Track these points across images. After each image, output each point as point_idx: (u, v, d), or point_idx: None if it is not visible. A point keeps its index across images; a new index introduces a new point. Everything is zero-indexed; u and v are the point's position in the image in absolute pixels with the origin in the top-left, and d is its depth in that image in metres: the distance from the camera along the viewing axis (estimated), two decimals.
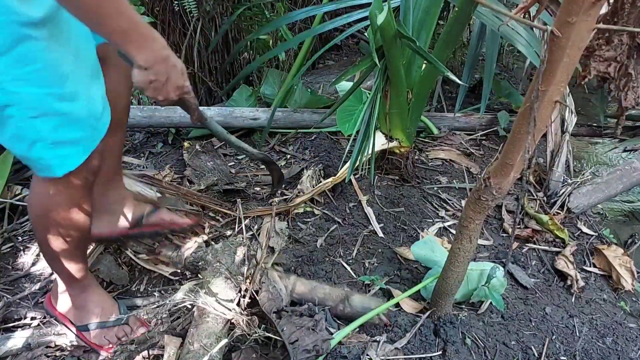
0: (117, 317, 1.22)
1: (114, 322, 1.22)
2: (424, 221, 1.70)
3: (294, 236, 1.60)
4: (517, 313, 1.37)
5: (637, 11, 1.50)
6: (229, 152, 2.20)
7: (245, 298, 1.21)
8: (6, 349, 1.17)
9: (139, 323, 1.27)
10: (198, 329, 1.09)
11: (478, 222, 1.02)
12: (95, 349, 1.21)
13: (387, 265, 1.49)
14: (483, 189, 0.93)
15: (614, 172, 1.89)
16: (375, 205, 1.73)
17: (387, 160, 1.88)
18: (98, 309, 1.21)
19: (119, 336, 1.22)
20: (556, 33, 0.64)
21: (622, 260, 1.57)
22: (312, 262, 1.48)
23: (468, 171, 2.01)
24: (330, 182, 1.67)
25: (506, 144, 0.84)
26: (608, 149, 2.45)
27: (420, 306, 1.31)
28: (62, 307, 1.22)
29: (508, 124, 2.23)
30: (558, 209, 1.80)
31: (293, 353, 1.04)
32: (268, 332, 1.12)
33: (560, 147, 1.91)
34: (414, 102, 1.65)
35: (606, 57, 1.66)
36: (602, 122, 2.31)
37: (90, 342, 1.21)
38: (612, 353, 1.30)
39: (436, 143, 2.17)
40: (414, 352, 1.18)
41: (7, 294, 1.45)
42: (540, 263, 1.59)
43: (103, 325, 1.21)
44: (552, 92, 0.72)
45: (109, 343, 1.21)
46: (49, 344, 1.19)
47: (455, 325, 1.22)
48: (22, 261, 1.60)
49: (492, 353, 1.22)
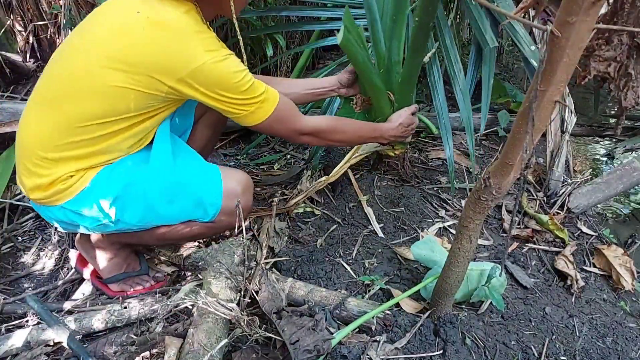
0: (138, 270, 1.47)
1: (136, 272, 1.46)
2: (424, 221, 1.70)
3: (294, 236, 1.60)
4: (517, 313, 1.37)
5: (636, 11, 1.50)
6: (229, 152, 2.21)
7: (245, 298, 1.21)
8: (6, 348, 1.18)
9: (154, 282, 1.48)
10: (198, 329, 1.09)
11: (478, 222, 1.02)
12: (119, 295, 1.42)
13: (387, 265, 1.49)
14: (483, 189, 0.93)
15: (614, 172, 1.89)
16: (375, 205, 1.73)
17: (383, 162, 1.88)
18: (125, 265, 1.46)
19: (138, 282, 1.46)
20: (556, 33, 0.64)
21: (622, 260, 1.57)
22: (312, 262, 1.48)
23: (468, 171, 2.01)
24: (324, 181, 1.67)
25: (506, 144, 0.84)
26: (608, 149, 2.45)
27: (420, 306, 1.31)
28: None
29: (508, 124, 2.23)
30: (558, 209, 1.80)
31: (294, 353, 1.04)
32: (268, 332, 1.12)
33: (560, 147, 1.91)
34: (396, 107, 1.65)
35: (606, 57, 1.66)
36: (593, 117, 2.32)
37: (114, 292, 1.43)
38: (612, 353, 1.30)
39: (436, 143, 2.17)
40: (414, 352, 1.18)
41: (7, 294, 1.45)
42: (540, 263, 1.59)
43: (127, 276, 1.44)
44: (552, 92, 0.72)
45: (130, 288, 1.45)
46: (48, 342, 1.19)
47: (455, 325, 1.22)
48: (22, 261, 1.60)
49: (492, 353, 1.22)
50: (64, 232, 1.69)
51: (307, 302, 1.27)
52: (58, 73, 1.15)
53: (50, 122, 1.13)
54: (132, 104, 1.11)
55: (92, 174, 1.19)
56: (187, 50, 1.07)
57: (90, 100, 1.10)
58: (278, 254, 1.52)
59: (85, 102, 1.10)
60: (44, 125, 1.14)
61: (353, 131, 1.46)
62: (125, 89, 1.09)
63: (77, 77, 1.10)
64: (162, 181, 1.24)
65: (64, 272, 1.55)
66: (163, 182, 1.24)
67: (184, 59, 1.07)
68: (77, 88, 1.10)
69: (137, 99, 1.11)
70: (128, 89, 1.09)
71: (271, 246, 1.53)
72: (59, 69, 1.15)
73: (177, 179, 1.26)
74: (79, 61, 1.11)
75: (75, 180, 1.17)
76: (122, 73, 1.07)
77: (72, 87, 1.11)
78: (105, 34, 1.10)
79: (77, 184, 1.17)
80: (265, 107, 1.21)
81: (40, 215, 1.41)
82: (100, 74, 1.08)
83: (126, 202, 1.21)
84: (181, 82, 1.10)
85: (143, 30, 1.07)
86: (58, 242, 1.67)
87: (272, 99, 1.22)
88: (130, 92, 1.09)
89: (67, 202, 1.18)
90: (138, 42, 1.07)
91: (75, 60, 1.12)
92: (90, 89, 1.09)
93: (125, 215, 1.22)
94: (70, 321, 1.25)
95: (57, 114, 1.12)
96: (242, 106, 1.18)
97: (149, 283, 1.47)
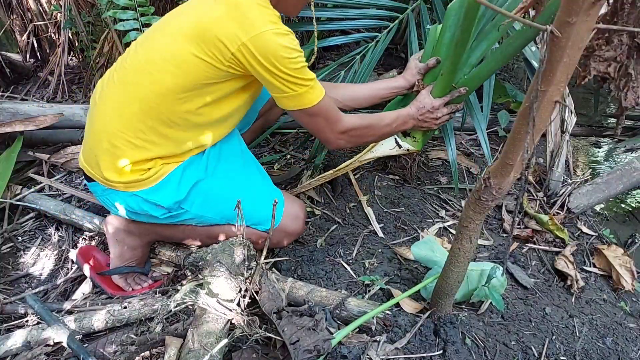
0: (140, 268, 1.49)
1: (139, 269, 1.49)
2: (424, 221, 1.70)
3: None
4: (517, 313, 1.37)
5: (637, 11, 1.50)
6: None
7: (245, 298, 1.21)
8: (6, 348, 1.17)
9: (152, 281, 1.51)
10: (198, 329, 1.09)
11: (478, 222, 1.02)
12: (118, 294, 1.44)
13: (387, 265, 1.49)
14: (483, 189, 0.93)
15: (614, 172, 1.89)
16: (375, 205, 1.73)
17: (394, 157, 1.86)
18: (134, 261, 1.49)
19: (137, 281, 1.48)
20: (556, 33, 0.64)
21: (622, 260, 1.57)
22: (312, 262, 1.48)
23: (468, 171, 2.01)
24: (331, 174, 1.66)
25: (506, 144, 0.84)
26: (608, 149, 2.45)
27: (420, 306, 1.31)
28: None
29: (508, 124, 2.23)
30: (558, 209, 1.80)
31: (294, 353, 1.04)
32: (268, 332, 1.12)
33: (560, 147, 1.91)
34: None
35: (606, 57, 1.65)
36: (593, 117, 2.32)
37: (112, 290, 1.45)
38: (612, 353, 1.30)
39: (436, 143, 2.17)
40: (414, 352, 1.18)
41: (7, 294, 1.45)
42: (540, 263, 1.59)
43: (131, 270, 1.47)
44: (552, 92, 0.72)
45: (129, 287, 1.47)
46: (48, 342, 1.19)
47: (455, 325, 1.22)
48: (22, 261, 1.60)
49: (492, 353, 1.22)
50: (64, 233, 1.69)
51: (307, 302, 1.27)
52: (136, 59, 1.25)
53: (133, 102, 1.23)
54: (201, 75, 1.19)
55: (169, 169, 1.29)
56: (252, 18, 1.14)
57: (166, 73, 1.19)
58: (278, 254, 1.52)
59: (162, 75, 1.20)
60: (125, 107, 1.23)
61: (382, 123, 1.46)
62: (195, 57, 1.16)
63: (155, 57, 1.21)
64: (231, 183, 1.38)
65: (64, 272, 1.55)
66: (231, 184, 1.38)
67: (248, 24, 1.14)
68: (154, 65, 1.21)
69: (206, 69, 1.18)
70: (197, 57, 1.16)
71: None
72: (141, 52, 1.26)
73: (247, 180, 1.41)
74: (160, 44, 1.22)
75: (154, 172, 1.27)
76: (193, 43, 1.16)
77: (150, 65, 1.21)
78: (183, 19, 1.22)
79: (155, 176, 1.28)
80: (313, 93, 1.24)
81: (95, 197, 1.43)
82: (176, 47, 1.19)
83: (196, 199, 1.33)
84: (242, 49, 1.14)
85: (214, 2, 1.18)
86: (58, 242, 1.67)
87: (319, 90, 1.26)
88: (199, 62, 1.17)
89: (141, 190, 1.27)
90: (207, 13, 1.18)
91: (157, 43, 1.24)
92: (166, 62, 1.19)
93: (193, 210, 1.34)
94: (70, 321, 1.25)
95: (139, 90, 1.22)
96: (292, 84, 1.20)
97: (147, 283, 1.48)
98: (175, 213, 1.33)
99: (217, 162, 1.38)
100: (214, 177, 1.36)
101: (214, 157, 1.37)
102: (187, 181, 1.31)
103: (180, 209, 1.33)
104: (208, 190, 1.35)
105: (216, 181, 1.36)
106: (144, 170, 1.27)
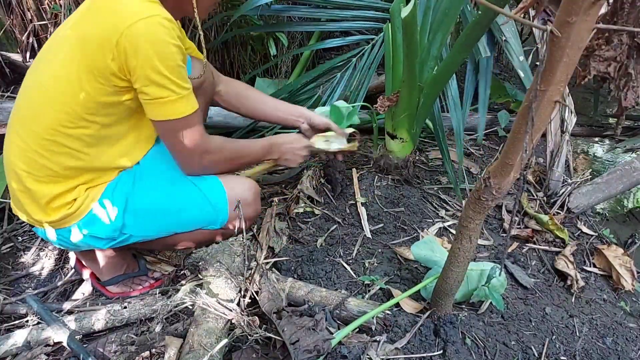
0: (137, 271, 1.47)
1: (135, 273, 1.46)
2: (424, 221, 1.70)
3: (293, 236, 1.60)
4: (517, 313, 1.37)
5: (636, 11, 1.50)
6: None
7: (245, 298, 1.21)
8: (6, 348, 1.17)
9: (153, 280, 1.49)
10: (198, 329, 1.09)
11: (478, 222, 1.02)
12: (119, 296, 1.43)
13: (387, 265, 1.49)
14: (483, 189, 0.93)
15: (614, 172, 1.89)
16: (375, 205, 1.73)
17: (387, 162, 1.87)
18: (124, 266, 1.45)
19: (137, 283, 1.46)
20: (556, 33, 0.64)
21: (622, 260, 1.57)
22: (312, 262, 1.48)
23: (468, 171, 2.01)
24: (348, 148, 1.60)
25: (506, 144, 0.84)
26: (608, 149, 2.45)
27: (420, 306, 1.31)
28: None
29: (508, 124, 2.23)
30: (558, 209, 1.80)
31: (294, 354, 1.04)
32: (268, 332, 1.12)
33: (560, 147, 1.91)
34: (422, 103, 1.63)
35: (606, 57, 1.66)
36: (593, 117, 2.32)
37: (113, 293, 1.43)
38: (612, 353, 1.30)
39: (436, 143, 2.17)
40: (414, 352, 1.18)
41: (7, 294, 1.45)
42: (540, 263, 1.59)
43: (126, 277, 1.44)
44: (552, 92, 0.72)
45: (130, 288, 1.45)
46: (48, 342, 1.19)
47: (455, 325, 1.22)
48: (22, 261, 1.60)
49: (492, 353, 1.22)
50: None
51: (307, 302, 1.27)
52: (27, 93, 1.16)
53: (32, 139, 1.12)
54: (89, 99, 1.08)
55: (97, 192, 1.20)
56: (125, 9, 1.02)
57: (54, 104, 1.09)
58: (278, 254, 1.52)
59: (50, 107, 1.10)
60: (25, 145, 1.13)
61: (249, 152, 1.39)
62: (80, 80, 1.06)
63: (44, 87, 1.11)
64: (165, 191, 1.28)
65: (64, 272, 1.55)
66: (166, 192, 1.28)
67: (122, 16, 1.01)
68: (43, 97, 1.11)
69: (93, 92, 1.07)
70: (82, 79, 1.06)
71: (271, 246, 1.53)
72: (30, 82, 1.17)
73: (180, 189, 1.29)
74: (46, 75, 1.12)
75: (81, 202, 1.18)
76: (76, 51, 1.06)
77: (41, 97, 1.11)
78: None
79: (84, 205, 1.19)
80: (186, 103, 1.11)
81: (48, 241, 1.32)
82: (59, 65, 1.08)
83: (133, 221, 1.25)
84: (118, 50, 1.01)
85: (92, 3, 1.08)
86: None
87: (193, 101, 1.13)
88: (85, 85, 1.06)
89: (77, 223, 1.20)
90: (85, 15, 1.09)
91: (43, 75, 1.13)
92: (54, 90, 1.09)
93: (135, 233, 1.27)
94: (70, 321, 1.25)
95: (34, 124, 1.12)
96: (166, 89, 1.06)
97: (148, 282, 1.47)
98: (120, 240, 1.26)
99: (141, 179, 1.26)
100: (143, 195, 1.25)
101: (138, 175, 1.27)
102: (119, 204, 1.21)
103: (123, 235, 1.25)
104: (141, 210, 1.25)
105: (146, 198, 1.25)
106: (69, 203, 1.17)
